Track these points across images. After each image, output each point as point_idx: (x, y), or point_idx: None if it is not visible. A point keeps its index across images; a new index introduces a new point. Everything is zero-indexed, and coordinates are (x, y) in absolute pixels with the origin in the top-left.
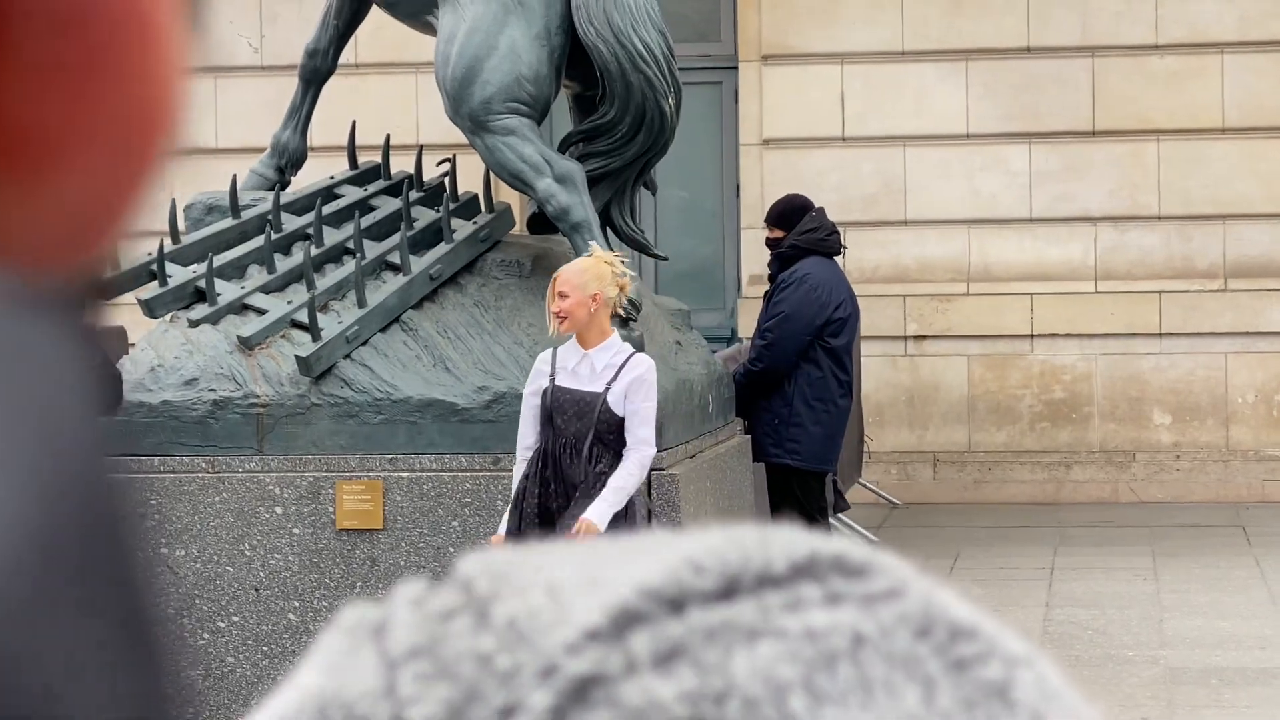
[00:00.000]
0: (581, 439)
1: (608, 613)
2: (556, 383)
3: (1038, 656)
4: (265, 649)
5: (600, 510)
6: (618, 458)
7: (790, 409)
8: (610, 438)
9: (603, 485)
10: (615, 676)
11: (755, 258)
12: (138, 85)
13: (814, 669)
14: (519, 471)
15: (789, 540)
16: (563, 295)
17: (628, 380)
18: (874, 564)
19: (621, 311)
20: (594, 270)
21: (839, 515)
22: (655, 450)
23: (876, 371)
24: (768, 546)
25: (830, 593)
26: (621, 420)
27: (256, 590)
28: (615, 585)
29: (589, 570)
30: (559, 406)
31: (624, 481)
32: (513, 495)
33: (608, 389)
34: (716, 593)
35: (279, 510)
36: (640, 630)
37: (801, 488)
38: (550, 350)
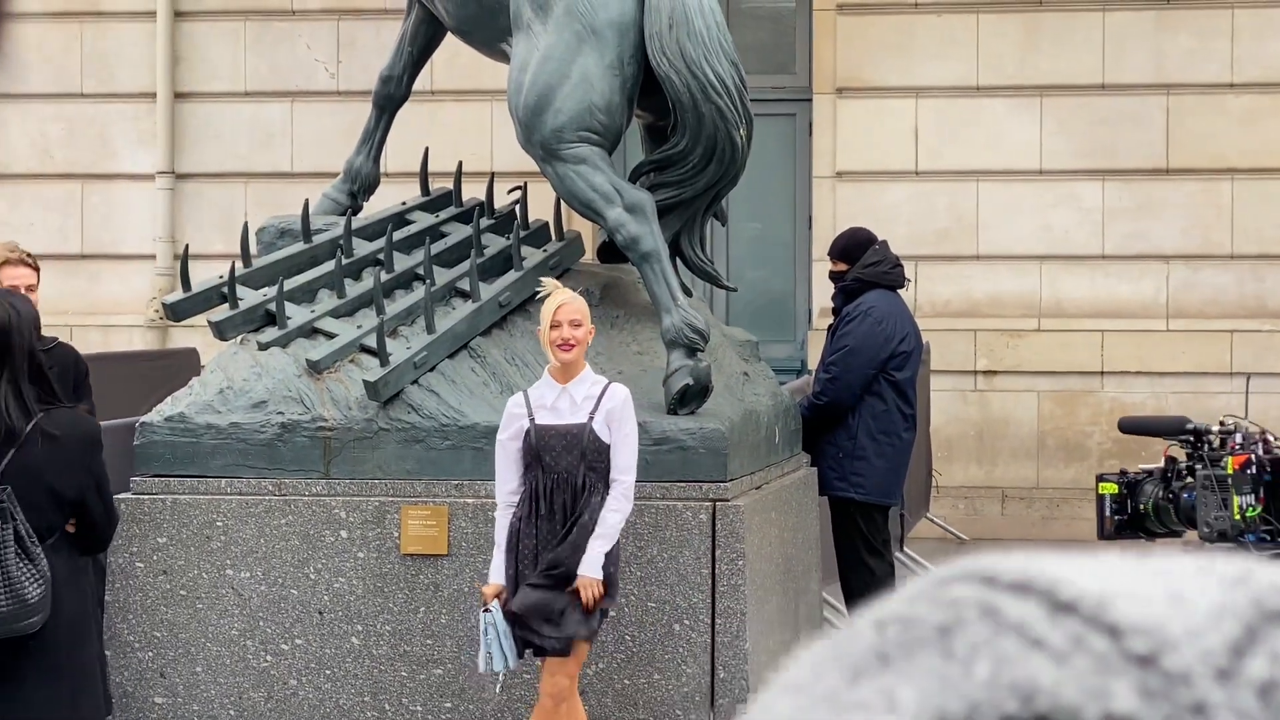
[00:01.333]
0: (574, 471)
1: (1237, 622)
2: (538, 422)
3: None
4: (328, 672)
5: (594, 556)
6: (610, 486)
7: (854, 442)
8: (601, 466)
9: (600, 513)
10: None
11: (827, 290)
12: None
13: None
14: (504, 517)
15: (1260, 560)
16: (576, 324)
17: (607, 409)
18: None
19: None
20: (582, 301)
21: (905, 549)
22: (635, 478)
23: (946, 406)
24: (1263, 567)
25: None
26: (609, 447)
27: (321, 614)
28: (1201, 598)
29: (1150, 586)
30: (545, 445)
31: (614, 518)
32: (502, 541)
33: (591, 418)
34: None
35: (344, 534)
36: (1271, 639)
37: (865, 521)
38: (521, 394)
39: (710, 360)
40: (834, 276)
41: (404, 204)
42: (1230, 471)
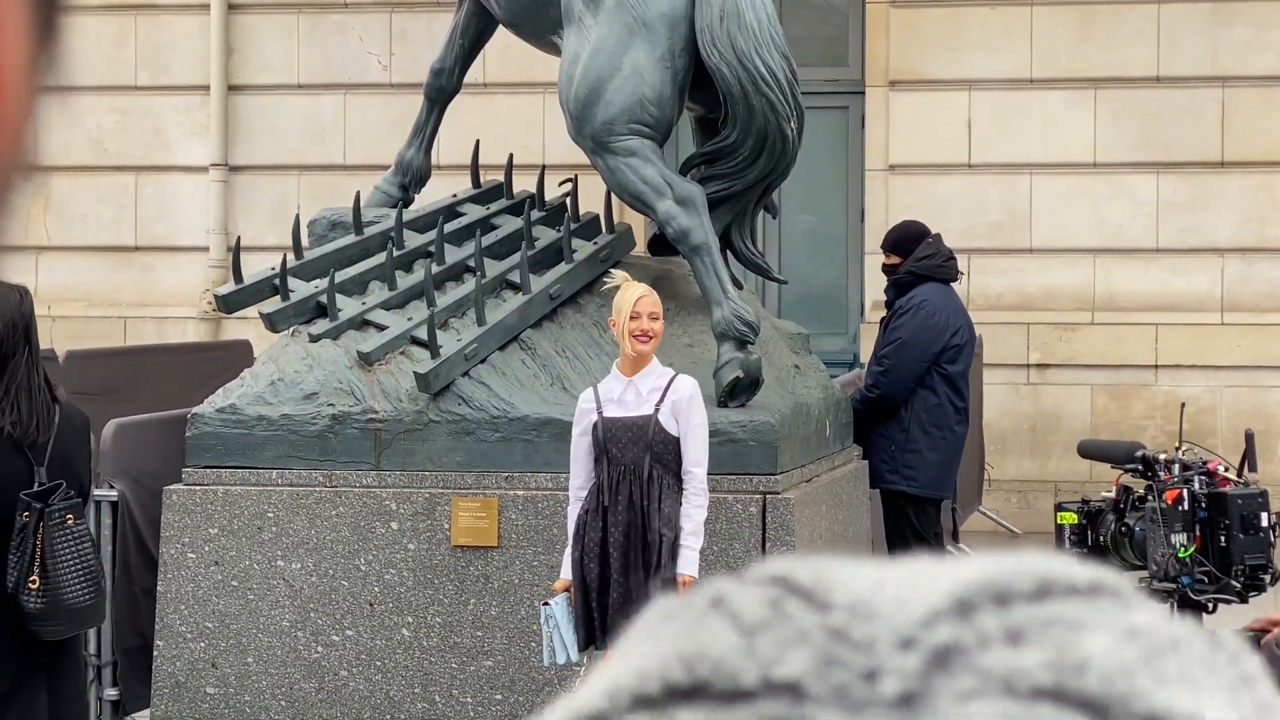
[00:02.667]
0: (640, 463)
1: (949, 598)
2: (605, 415)
3: None
4: (379, 663)
5: (690, 559)
6: (677, 477)
7: (907, 435)
8: (668, 458)
9: (666, 505)
10: (971, 648)
11: (879, 283)
12: None
13: (1150, 658)
14: (574, 511)
15: (1071, 561)
16: (654, 316)
17: (673, 400)
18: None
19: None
20: (657, 294)
21: (958, 544)
22: (707, 469)
23: (999, 399)
24: (1061, 564)
25: (1125, 604)
26: (677, 439)
27: (371, 605)
28: (940, 581)
29: (898, 575)
30: (612, 437)
31: (700, 515)
32: (571, 535)
33: (657, 409)
34: (1033, 593)
35: (395, 526)
36: (981, 613)
37: (917, 514)
38: (590, 389)
39: (761, 353)
40: (887, 269)
41: (455, 196)
42: (1165, 506)
